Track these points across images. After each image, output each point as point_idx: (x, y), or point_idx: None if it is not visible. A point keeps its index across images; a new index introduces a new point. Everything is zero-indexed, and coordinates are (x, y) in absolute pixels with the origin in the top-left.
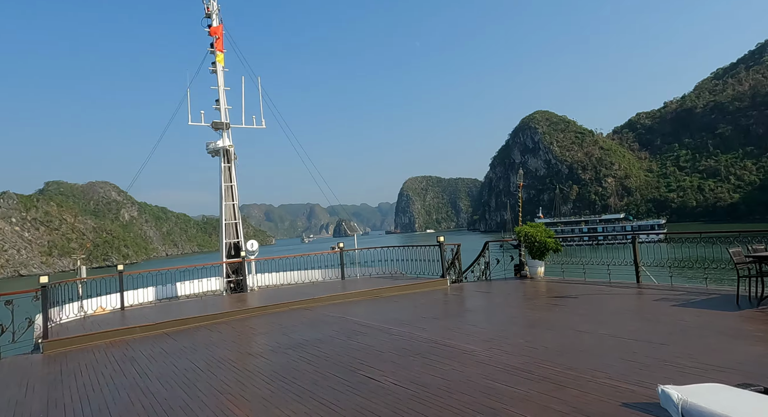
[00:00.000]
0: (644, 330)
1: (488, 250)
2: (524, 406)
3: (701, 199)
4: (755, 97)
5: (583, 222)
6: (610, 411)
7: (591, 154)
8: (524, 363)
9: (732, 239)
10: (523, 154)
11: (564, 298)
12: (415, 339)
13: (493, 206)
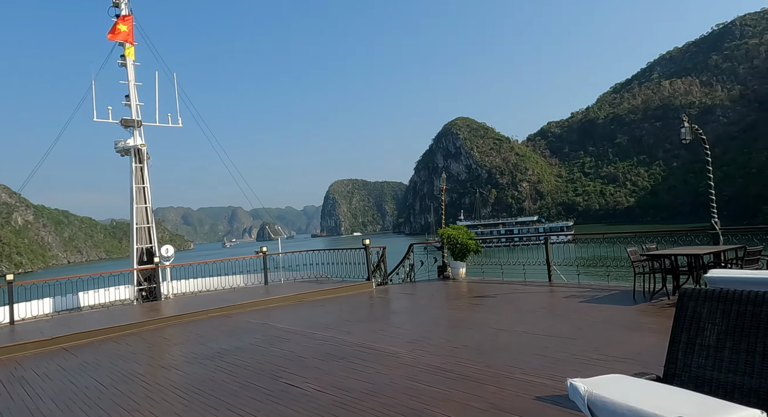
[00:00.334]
0: (555, 326)
1: (413, 253)
2: (445, 406)
3: (603, 203)
4: (646, 110)
5: (501, 224)
6: (524, 405)
7: (508, 160)
8: (446, 362)
9: (629, 239)
10: (446, 158)
11: (484, 298)
12: (339, 343)
13: (417, 209)
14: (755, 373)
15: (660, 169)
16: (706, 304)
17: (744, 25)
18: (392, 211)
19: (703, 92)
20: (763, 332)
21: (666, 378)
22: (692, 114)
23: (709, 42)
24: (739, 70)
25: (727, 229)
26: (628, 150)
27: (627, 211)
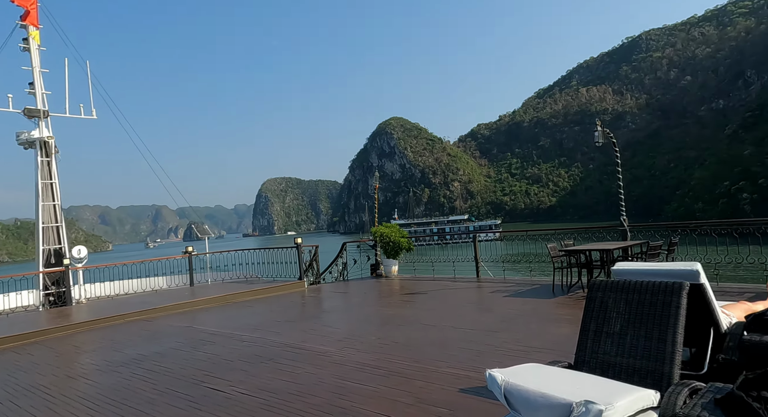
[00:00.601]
0: (481, 320)
1: (346, 251)
2: (374, 403)
3: (528, 202)
4: (566, 115)
5: (433, 223)
6: (449, 398)
7: (440, 160)
8: (376, 360)
9: (549, 236)
10: (381, 158)
11: (415, 295)
12: (267, 344)
13: (352, 208)
14: (651, 356)
15: (578, 171)
16: (612, 294)
17: (649, 39)
18: (327, 210)
19: (615, 100)
20: (659, 319)
21: (576, 365)
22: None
23: (620, 53)
24: (645, 81)
25: (634, 225)
26: (551, 152)
27: (550, 210)
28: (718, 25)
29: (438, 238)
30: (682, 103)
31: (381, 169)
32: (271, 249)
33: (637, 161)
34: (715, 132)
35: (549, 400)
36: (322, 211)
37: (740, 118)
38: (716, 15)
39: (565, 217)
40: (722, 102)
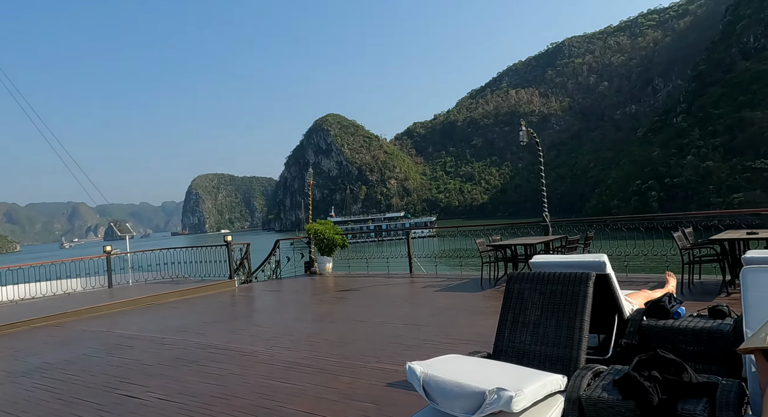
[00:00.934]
0: (411, 314)
1: (279, 249)
2: (299, 401)
3: (462, 200)
4: (497, 115)
5: (370, 220)
6: (376, 393)
7: (377, 158)
8: (304, 358)
9: (479, 232)
10: (317, 154)
11: (348, 292)
12: (191, 346)
13: (288, 205)
14: (561, 343)
15: (508, 170)
16: (528, 285)
17: (571, 45)
18: (262, 207)
19: (541, 102)
20: (569, 307)
21: (495, 354)
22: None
23: (545, 58)
24: (568, 85)
25: (555, 221)
26: (483, 151)
27: (482, 207)
28: (631, 35)
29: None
30: (600, 106)
31: (318, 166)
32: (199, 247)
33: (560, 161)
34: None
35: (464, 390)
36: (257, 209)
37: (649, 121)
38: (629, 26)
39: (496, 214)
40: (634, 107)
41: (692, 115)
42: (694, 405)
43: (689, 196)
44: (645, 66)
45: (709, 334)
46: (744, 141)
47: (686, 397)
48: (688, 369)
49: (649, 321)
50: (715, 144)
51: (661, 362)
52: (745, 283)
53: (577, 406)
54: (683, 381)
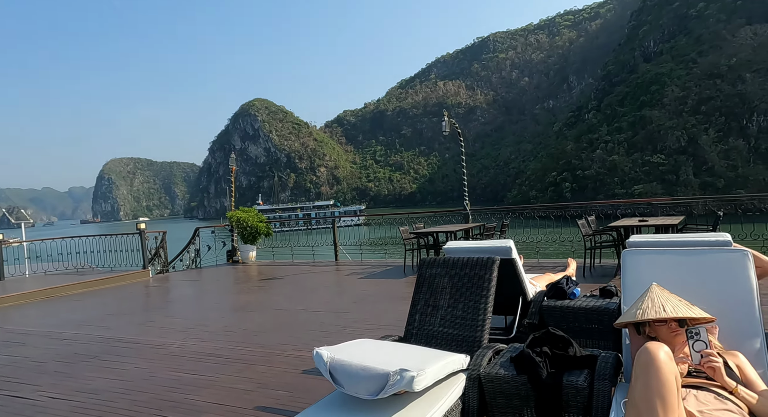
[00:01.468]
0: (333, 302)
1: (199, 237)
2: (208, 392)
3: (391, 189)
4: (426, 106)
5: (299, 208)
6: (291, 380)
7: (307, 145)
8: (218, 348)
9: (404, 220)
10: (244, 140)
11: (271, 280)
12: (93, 341)
13: (212, 193)
14: (467, 325)
15: (436, 160)
16: (439, 270)
17: (496, 41)
18: (183, 194)
19: (468, 94)
20: (475, 290)
21: (406, 338)
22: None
23: (472, 52)
24: (492, 79)
25: (475, 210)
26: (412, 141)
27: (411, 196)
28: (549, 33)
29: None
30: (521, 101)
31: (245, 152)
32: (108, 236)
33: (485, 152)
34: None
35: (369, 372)
36: (178, 196)
37: (565, 117)
38: (548, 25)
39: (424, 203)
40: (552, 102)
41: (601, 112)
42: (576, 376)
43: (597, 187)
44: (561, 64)
45: (597, 312)
46: (644, 137)
47: (571, 369)
48: (574, 344)
49: (548, 302)
50: (620, 139)
51: (551, 339)
52: (625, 264)
53: (477, 384)
54: (569, 355)
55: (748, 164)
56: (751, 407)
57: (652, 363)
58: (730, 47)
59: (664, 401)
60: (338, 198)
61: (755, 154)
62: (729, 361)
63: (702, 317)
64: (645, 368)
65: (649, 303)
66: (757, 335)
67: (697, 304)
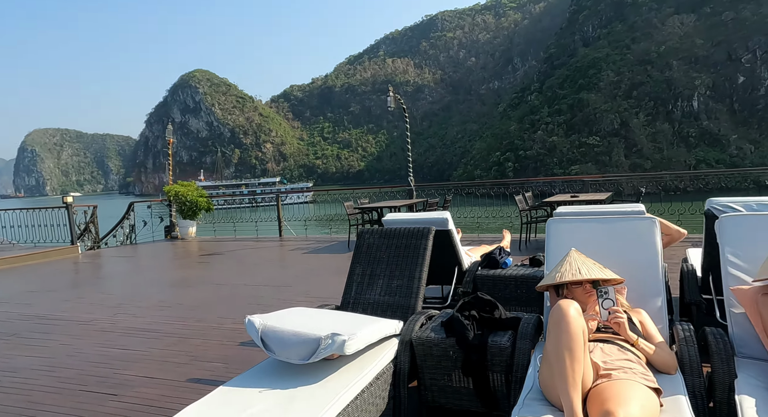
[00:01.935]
0: (275, 276)
1: (133, 212)
2: (139, 366)
3: (339, 166)
4: (374, 83)
5: (244, 185)
6: (227, 352)
7: (252, 120)
8: (152, 323)
9: (348, 196)
10: (184, 113)
11: (211, 256)
12: (13, 318)
13: (150, 167)
14: (403, 293)
15: (384, 138)
16: (376, 240)
17: (444, 19)
18: (118, 168)
19: (416, 73)
20: (411, 259)
21: (342, 306)
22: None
23: (420, 29)
24: (440, 58)
25: (419, 185)
26: (360, 118)
27: (359, 174)
28: (495, 14)
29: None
30: (468, 81)
31: (185, 126)
32: (32, 210)
33: (432, 131)
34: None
35: (300, 337)
36: (113, 171)
37: (509, 98)
38: (494, 6)
39: (372, 181)
40: (497, 83)
41: (543, 94)
42: (501, 337)
43: (538, 167)
44: (507, 45)
45: (526, 280)
46: (581, 119)
47: (497, 330)
48: (500, 307)
49: (482, 271)
50: (560, 121)
51: (479, 303)
52: (549, 232)
53: (409, 347)
54: (495, 318)
55: (672, 147)
56: (648, 357)
57: (563, 318)
58: (660, 35)
59: (572, 352)
60: (285, 175)
61: (678, 138)
62: (633, 317)
63: (613, 278)
64: (556, 323)
65: (567, 267)
66: (659, 294)
67: (609, 266)
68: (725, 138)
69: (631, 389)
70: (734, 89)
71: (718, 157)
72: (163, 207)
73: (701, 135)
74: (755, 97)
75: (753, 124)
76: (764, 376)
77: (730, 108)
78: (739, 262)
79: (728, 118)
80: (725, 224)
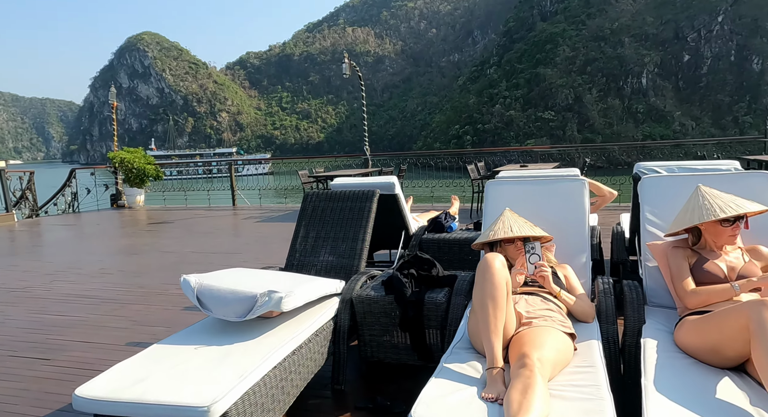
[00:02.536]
0: (225, 244)
1: (75, 179)
2: (74, 331)
3: (298, 137)
4: (334, 53)
5: (198, 155)
6: (170, 317)
7: (206, 87)
8: (91, 290)
9: (305, 166)
10: (132, 78)
11: (160, 225)
12: None
13: (96, 135)
14: (346, 254)
15: (344, 109)
16: (321, 203)
17: None
18: (61, 136)
19: (377, 43)
20: (355, 222)
21: (287, 268)
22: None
23: None
24: (401, 28)
25: (374, 155)
26: (320, 89)
27: (318, 146)
28: None
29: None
30: (429, 52)
31: (134, 92)
32: None
33: (393, 103)
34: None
35: (237, 295)
36: (54, 138)
37: (469, 71)
38: None
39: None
40: (457, 55)
41: (502, 68)
42: (437, 293)
43: (495, 141)
44: (467, 17)
45: (468, 242)
46: (538, 94)
47: (434, 287)
48: (438, 266)
49: (428, 235)
50: (517, 95)
51: (419, 262)
52: (487, 194)
53: (349, 305)
54: (432, 275)
55: (622, 122)
56: (569, 307)
57: (487, 270)
58: (613, 11)
59: (495, 301)
60: (242, 146)
61: (627, 113)
62: (559, 272)
63: (542, 236)
64: (482, 274)
65: (500, 225)
66: (584, 251)
67: (541, 225)
68: (670, 114)
69: (547, 335)
70: (680, 67)
71: (663, 133)
72: (108, 175)
73: (648, 111)
74: (698, 75)
75: (695, 102)
76: (669, 321)
77: (676, 85)
78: (656, 220)
79: (673, 95)
80: (645, 185)
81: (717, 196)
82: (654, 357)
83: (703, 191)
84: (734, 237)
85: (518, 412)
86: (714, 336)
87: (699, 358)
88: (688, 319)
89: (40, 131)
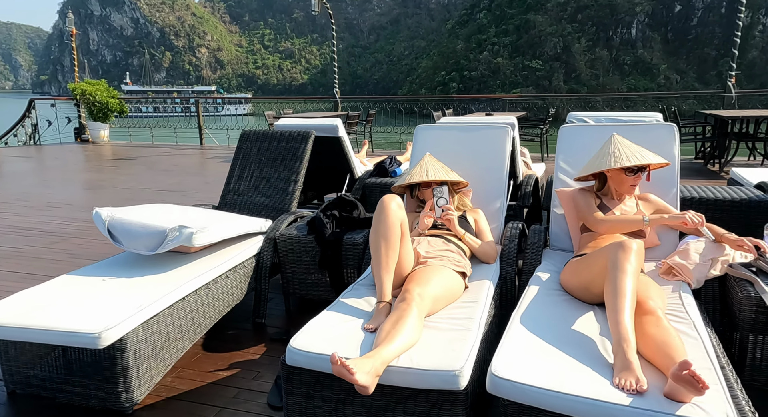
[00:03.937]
0: (184, 182)
1: (35, 110)
2: (8, 262)
3: (281, 78)
4: None
5: (175, 92)
6: (109, 251)
7: (184, 20)
8: (34, 222)
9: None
10: (104, 6)
11: (122, 161)
12: None
13: (67, 65)
14: (278, 194)
15: (329, 50)
16: (257, 143)
17: None
18: (29, 65)
19: None
20: (290, 162)
21: (219, 207)
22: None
23: None
24: None
25: (343, 97)
26: (304, 27)
27: (302, 88)
28: None
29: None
30: None
31: (107, 21)
32: None
33: (379, 46)
34: (440, 25)
35: (147, 229)
36: (23, 67)
37: (458, 14)
38: None
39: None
40: None
41: (492, 12)
42: (357, 234)
43: (481, 89)
44: None
45: None
46: (526, 42)
47: (354, 228)
48: (360, 207)
49: (371, 179)
50: (505, 42)
51: (342, 203)
52: (415, 138)
53: (273, 244)
54: (353, 217)
55: (608, 74)
56: (474, 250)
57: (382, 211)
58: None
59: (387, 241)
60: (222, 84)
61: (614, 65)
62: (469, 216)
63: (458, 181)
64: (377, 215)
65: (418, 169)
66: (499, 197)
67: (461, 170)
68: (656, 67)
69: (436, 272)
70: (670, 18)
71: (648, 86)
72: (72, 108)
73: (635, 63)
74: (688, 27)
75: (682, 55)
76: (562, 262)
77: (665, 37)
78: (569, 168)
79: (661, 47)
80: (563, 135)
81: (627, 145)
82: (534, 293)
83: (616, 140)
84: (634, 187)
85: (384, 340)
86: (585, 274)
87: (574, 295)
88: (572, 260)
89: (6, 58)
